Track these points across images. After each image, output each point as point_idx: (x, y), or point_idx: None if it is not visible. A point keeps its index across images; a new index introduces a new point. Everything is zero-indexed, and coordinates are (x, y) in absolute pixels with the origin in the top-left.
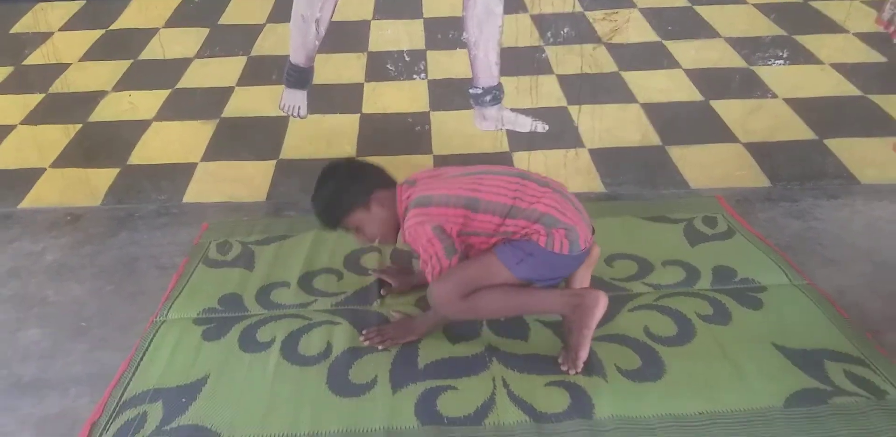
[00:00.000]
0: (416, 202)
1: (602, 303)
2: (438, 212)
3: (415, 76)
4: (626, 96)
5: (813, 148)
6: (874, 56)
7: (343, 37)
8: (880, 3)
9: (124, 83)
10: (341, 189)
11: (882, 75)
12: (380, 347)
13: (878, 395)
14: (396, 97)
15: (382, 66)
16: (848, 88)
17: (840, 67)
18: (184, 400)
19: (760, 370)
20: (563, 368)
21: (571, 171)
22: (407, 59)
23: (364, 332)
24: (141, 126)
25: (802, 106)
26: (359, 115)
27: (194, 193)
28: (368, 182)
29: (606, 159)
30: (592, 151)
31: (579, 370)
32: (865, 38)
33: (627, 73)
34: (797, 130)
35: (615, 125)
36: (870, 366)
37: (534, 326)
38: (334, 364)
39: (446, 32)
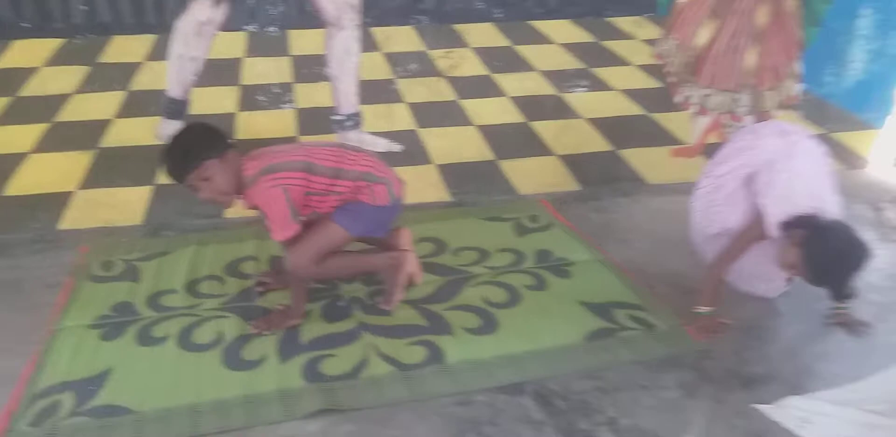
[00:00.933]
0: (265, 170)
1: (410, 260)
2: (285, 175)
3: (284, 106)
4: (464, 120)
5: (610, 157)
6: (652, 83)
7: (217, 72)
8: (654, 41)
9: (4, 118)
10: (199, 141)
11: (659, 97)
12: (266, 332)
13: (650, 328)
14: (268, 124)
15: (254, 98)
16: (634, 109)
17: (627, 92)
18: (91, 388)
19: (568, 319)
20: (383, 306)
21: (424, 184)
22: (277, 91)
23: (252, 322)
24: (18, 158)
25: (601, 124)
26: (234, 141)
27: (70, 220)
28: (222, 141)
29: (451, 173)
30: (440, 167)
31: (392, 306)
32: (645, 69)
33: (464, 100)
34: (598, 143)
35: (456, 144)
36: (646, 309)
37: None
38: (227, 348)
39: (312, 68)
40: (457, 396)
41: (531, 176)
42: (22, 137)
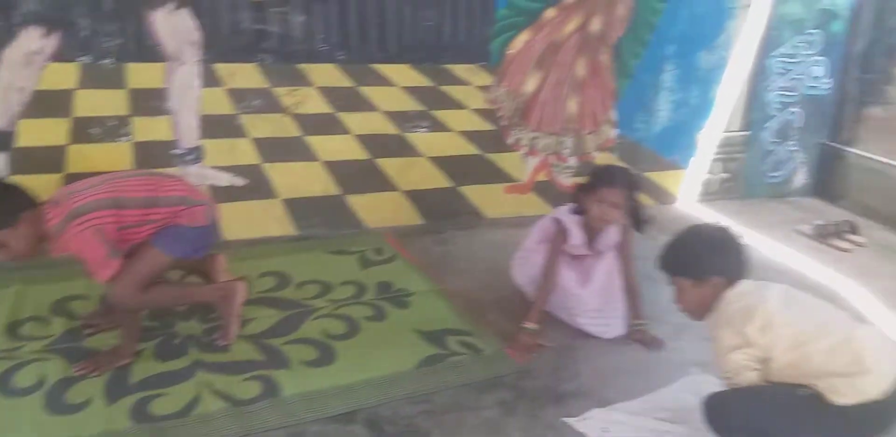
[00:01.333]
0: (70, 215)
1: (241, 291)
2: (93, 216)
3: (120, 139)
4: (309, 156)
5: (451, 193)
6: (487, 125)
7: (47, 103)
8: (487, 87)
9: None
10: None
11: (493, 139)
12: (92, 374)
13: (477, 352)
14: (102, 157)
15: (86, 131)
16: (471, 149)
17: (464, 134)
18: None
19: (403, 347)
20: (220, 342)
21: (269, 218)
22: (113, 123)
23: (76, 365)
24: None
25: (441, 162)
26: (63, 174)
27: None
28: (14, 204)
29: (297, 208)
30: (285, 201)
31: (230, 341)
32: (480, 112)
33: (309, 137)
34: (439, 180)
35: (302, 179)
36: (474, 335)
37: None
38: (49, 392)
39: (151, 101)
40: (289, 428)
41: (376, 210)
42: None
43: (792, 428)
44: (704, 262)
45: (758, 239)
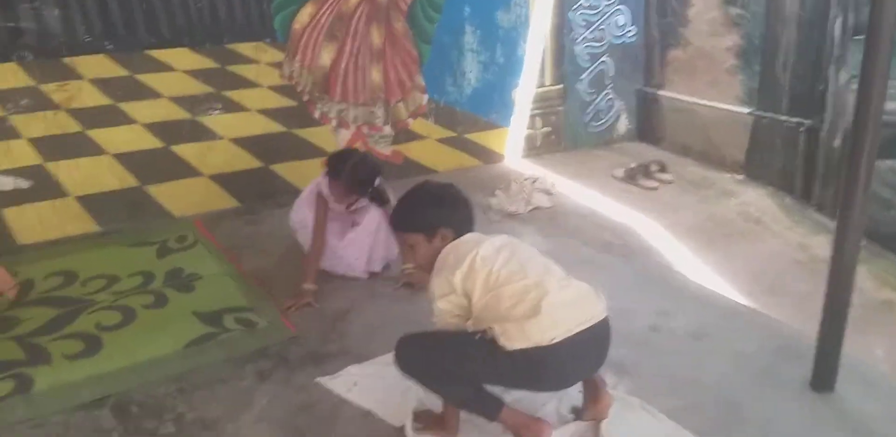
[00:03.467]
0: None
1: None
2: None
3: None
4: (96, 150)
5: (264, 173)
6: (287, 102)
7: None
8: (279, 64)
9: None
10: None
11: (297, 115)
12: None
13: (251, 327)
14: None
15: None
16: (276, 127)
17: (265, 112)
18: None
19: (174, 331)
20: None
21: (65, 218)
22: None
23: None
24: None
25: (246, 143)
26: None
27: None
28: None
29: (94, 204)
30: (79, 198)
31: None
32: (277, 89)
33: (92, 130)
34: (248, 161)
35: (93, 174)
36: (253, 311)
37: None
38: None
39: None
40: (33, 422)
41: (183, 198)
42: None
43: (464, 369)
44: (432, 215)
45: (574, 187)
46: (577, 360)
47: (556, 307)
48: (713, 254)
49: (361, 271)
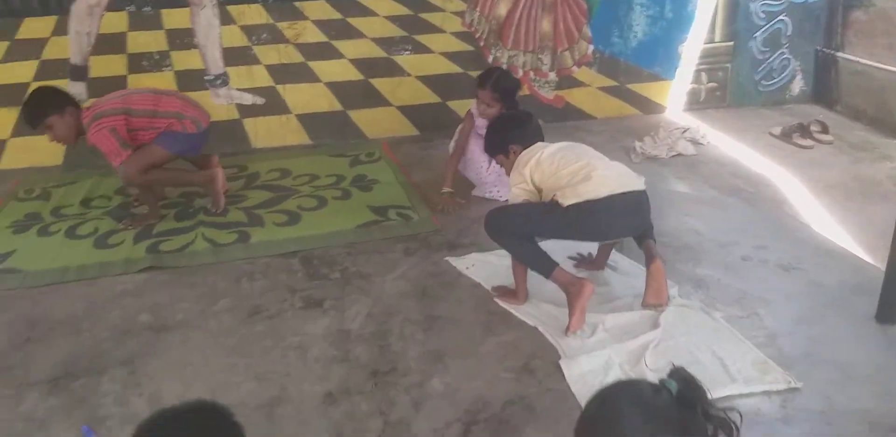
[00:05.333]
0: (93, 118)
1: (220, 176)
2: (108, 120)
3: (164, 69)
4: (313, 78)
5: (441, 108)
6: (466, 46)
7: (108, 43)
8: (462, 12)
9: None
10: (43, 102)
11: (473, 58)
12: (130, 227)
13: (408, 219)
14: (153, 84)
15: (140, 63)
16: (455, 68)
17: (446, 54)
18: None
19: (352, 215)
20: (213, 210)
21: (287, 130)
22: (157, 57)
23: (122, 221)
24: None
25: (428, 81)
26: None
27: (7, 161)
28: (64, 100)
29: (309, 121)
30: (298, 116)
31: (219, 210)
32: (458, 35)
33: (312, 62)
34: (429, 96)
35: (310, 98)
36: (412, 209)
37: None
38: (98, 237)
39: (184, 39)
40: (248, 260)
41: (375, 123)
42: None
43: (531, 227)
44: (500, 139)
45: (725, 140)
46: (618, 215)
47: (603, 177)
48: (845, 210)
49: (501, 198)
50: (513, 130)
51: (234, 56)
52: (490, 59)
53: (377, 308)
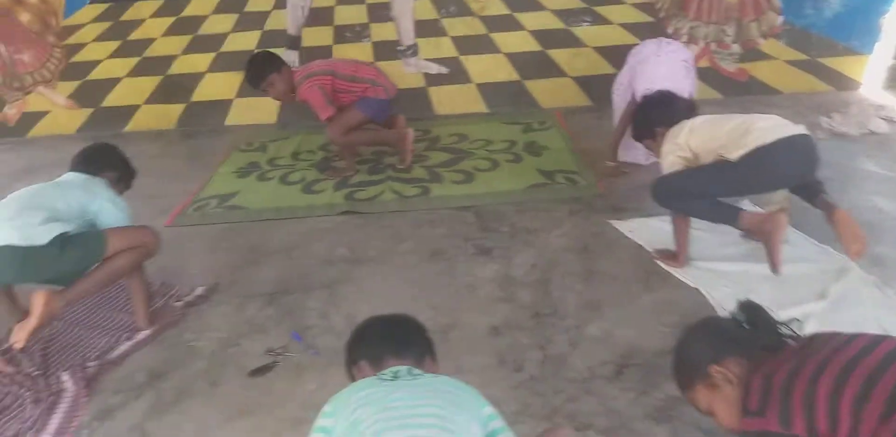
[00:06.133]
0: (305, 76)
1: (409, 135)
2: (318, 79)
3: (364, 40)
4: (494, 49)
5: (615, 79)
6: (645, 18)
7: (318, 16)
8: None
9: (188, 49)
10: (263, 63)
11: (653, 30)
12: (330, 178)
13: (574, 183)
14: (353, 53)
15: (343, 35)
16: (632, 39)
17: (625, 26)
18: (227, 197)
19: (522, 177)
20: (399, 166)
21: (466, 98)
22: (358, 29)
23: (324, 172)
24: (199, 77)
25: (606, 52)
26: None
27: (232, 118)
28: (280, 61)
29: (487, 90)
30: (478, 85)
31: (406, 165)
32: (638, 6)
33: (493, 34)
34: (605, 67)
35: (490, 68)
36: (579, 174)
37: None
38: (306, 184)
39: (381, 12)
40: (428, 210)
41: (550, 93)
42: (200, 62)
43: (702, 187)
44: (643, 123)
45: None
46: (791, 155)
47: (762, 128)
48: None
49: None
50: (657, 112)
51: (424, 28)
52: (670, 30)
53: (541, 259)
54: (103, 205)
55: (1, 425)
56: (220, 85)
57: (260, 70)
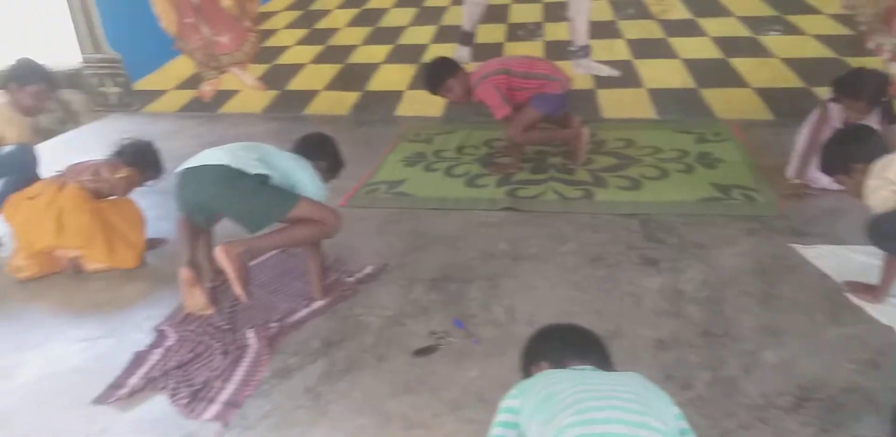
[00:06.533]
0: (481, 77)
1: (585, 134)
2: (493, 79)
3: (536, 39)
4: (671, 54)
5: (803, 94)
6: (843, 30)
7: (493, 13)
8: None
9: (368, 40)
10: (440, 69)
11: (851, 44)
12: (494, 173)
13: (751, 200)
14: (524, 52)
15: (516, 33)
16: (827, 52)
17: (819, 37)
18: (395, 184)
19: (693, 188)
20: (572, 165)
21: (634, 103)
22: (532, 28)
23: (487, 167)
24: (375, 67)
25: (794, 64)
26: None
27: (401, 109)
28: (455, 65)
29: (658, 96)
30: (649, 91)
31: (578, 164)
32: (836, 17)
33: (672, 38)
34: (792, 80)
35: (664, 73)
36: (757, 191)
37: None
38: (469, 178)
39: (557, 11)
40: (591, 214)
41: (727, 103)
42: (378, 53)
43: None
44: (846, 154)
45: None
46: None
47: None
48: None
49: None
50: (854, 147)
51: (599, 29)
52: (871, 45)
53: (713, 277)
54: (306, 180)
55: (194, 370)
56: (393, 76)
57: (438, 76)
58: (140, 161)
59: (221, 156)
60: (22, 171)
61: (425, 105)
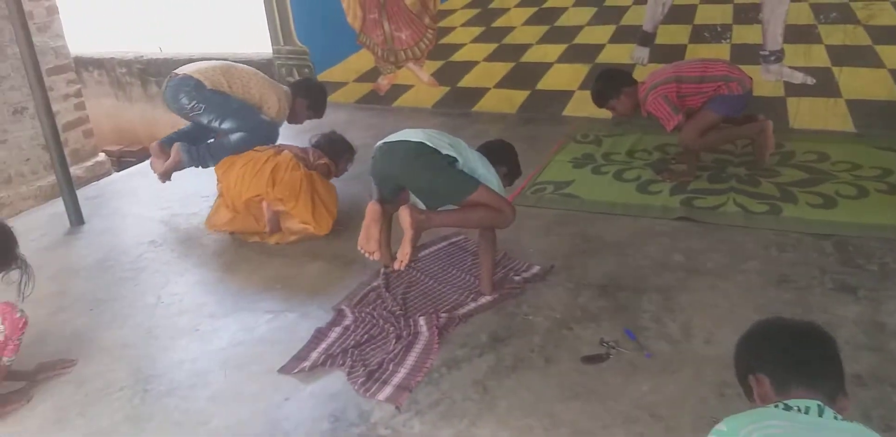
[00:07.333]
0: (648, 89)
1: (769, 128)
2: (661, 88)
3: (723, 41)
4: (877, 63)
5: None
6: None
7: (678, 13)
8: None
9: (543, 40)
10: (607, 87)
11: None
12: (667, 180)
13: None
14: (706, 53)
15: (701, 34)
16: None
17: None
18: (562, 185)
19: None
20: (758, 162)
21: (831, 114)
22: (719, 30)
23: (660, 173)
24: (547, 66)
25: None
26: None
27: (570, 109)
28: (620, 83)
29: (858, 108)
30: (848, 101)
31: (766, 158)
32: None
33: (879, 46)
34: None
35: (867, 83)
36: None
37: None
38: (640, 183)
39: (748, 13)
40: (777, 232)
41: None
42: (552, 52)
43: None
44: None
45: None
46: None
47: None
48: None
49: None
50: None
51: (795, 33)
52: None
53: None
54: (489, 176)
55: (370, 351)
56: (565, 76)
57: (607, 90)
58: (334, 155)
59: (419, 134)
60: (262, 141)
61: (594, 106)
